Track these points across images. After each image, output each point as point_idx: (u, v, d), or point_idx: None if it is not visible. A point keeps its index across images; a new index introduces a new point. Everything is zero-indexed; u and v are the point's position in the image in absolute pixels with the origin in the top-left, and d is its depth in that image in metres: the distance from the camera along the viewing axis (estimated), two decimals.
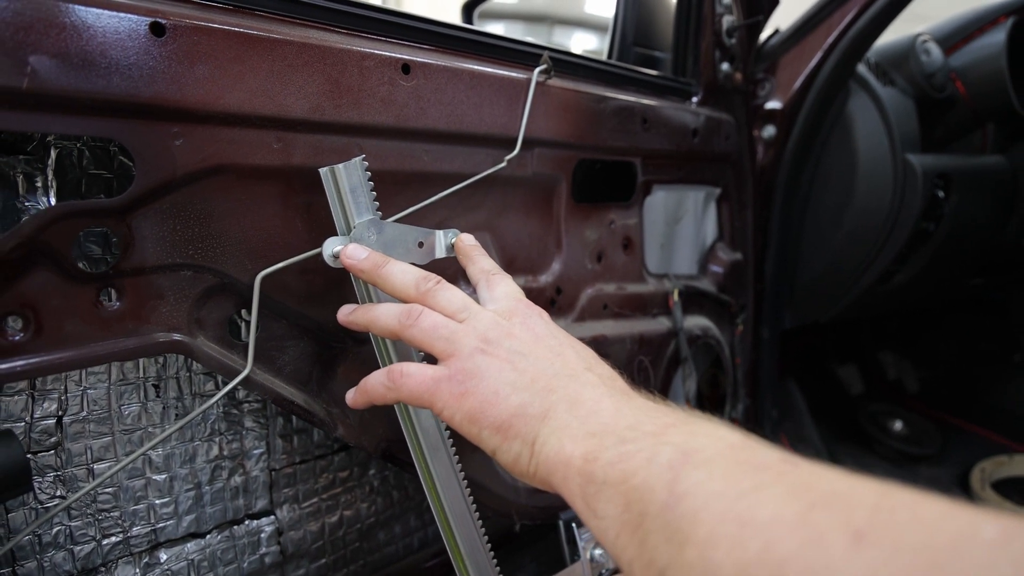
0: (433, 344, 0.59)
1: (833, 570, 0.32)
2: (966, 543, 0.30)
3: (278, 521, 0.91)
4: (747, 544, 0.35)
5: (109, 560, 0.79)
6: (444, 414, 0.57)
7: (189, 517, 0.84)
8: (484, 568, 0.76)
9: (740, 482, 0.38)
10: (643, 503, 0.41)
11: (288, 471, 0.92)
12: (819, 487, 0.36)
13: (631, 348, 1.06)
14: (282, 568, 0.92)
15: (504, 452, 0.54)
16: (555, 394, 0.55)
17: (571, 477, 0.48)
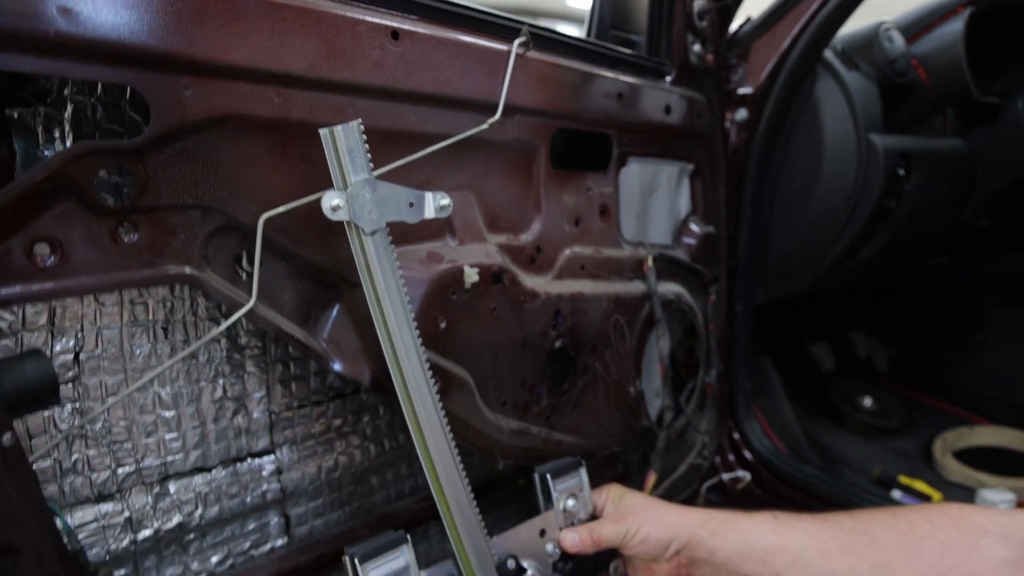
0: None
1: None
2: None
3: (278, 460, 0.98)
4: None
5: (124, 488, 0.86)
6: None
7: (196, 452, 0.91)
8: (461, 496, 0.82)
9: None
10: None
11: (287, 415, 0.99)
12: None
13: (607, 307, 1.13)
14: (282, 504, 0.99)
15: None
16: None
17: None
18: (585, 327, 1.10)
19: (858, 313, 2.10)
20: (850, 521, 0.86)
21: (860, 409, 1.85)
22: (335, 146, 0.72)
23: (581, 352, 1.10)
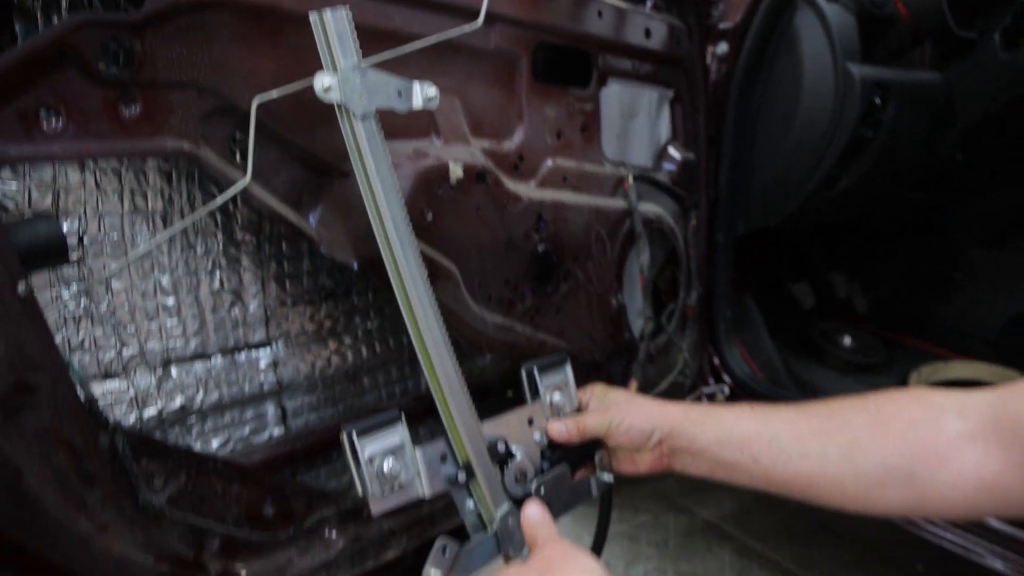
0: None
1: None
2: None
3: (274, 353, 1.04)
4: None
5: (129, 368, 0.92)
6: None
7: (195, 340, 0.97)
8: (451, 373, 0.87)
9: None
10: None
11: (281, 312, 1.05)
12: None
13: (589, 218, 1.18)
14: (279, 396, 1.05)
15: None
16: None
17: None
18: (567, 235, 1.15)
19: (838, 255, 2.15)
20: (823, 407, 0.91)
21: (840, 347, 1.91)
22: (325, 30, 0.77)
23: (564, 259, 1.15)
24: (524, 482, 0.91)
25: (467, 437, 0.86)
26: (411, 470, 0.84)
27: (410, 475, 0.84)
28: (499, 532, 0.86)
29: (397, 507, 0.85)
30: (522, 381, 1.00)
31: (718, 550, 2.00)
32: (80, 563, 0.74)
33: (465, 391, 0.86)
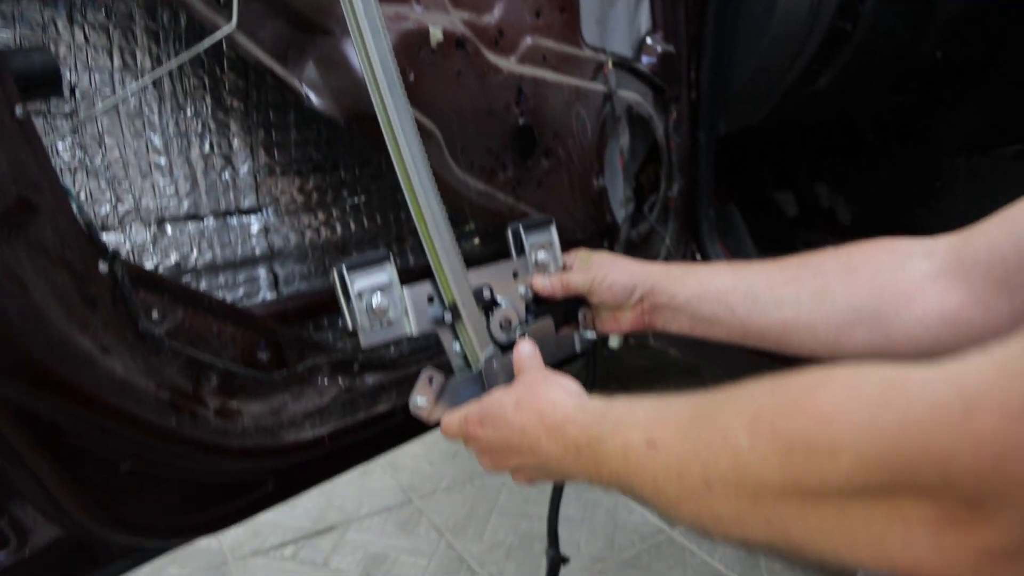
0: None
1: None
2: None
3: (264, 220, 1.08)
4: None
5: (125, 222, 0.96)
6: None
7: (188, 200, 1.01)
8: (437, 215, 0.91)
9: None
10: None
11: (271, 180, 1.09)
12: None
13: (569, 96, 1.22)
14: (270, 262, 1.09)
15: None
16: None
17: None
18: (548, 110, 1.18)
19: (822, 166, 2.18)
20: (796, 259, 0.95)
21: None
22: None
23: (544, 134, 1.18)
24: (509, 329, 0.96)
25: (453, 279, 0.91)
26: (399, 308, 0.89)
27: (398, 313, 0.89)
28: (484, 371, 0.91)
29: (385, 342, 0.90)
30: (508, 242, 1.04)
31: None
32: (86, 380, 0.78)
33: (451, 234, 0.91)
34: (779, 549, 0.51)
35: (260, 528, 1.78)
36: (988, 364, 0.38)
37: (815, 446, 0.45)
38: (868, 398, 0.43)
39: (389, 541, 1.73)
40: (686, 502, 0.56)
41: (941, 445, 0.38)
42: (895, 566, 0.43)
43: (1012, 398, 0.36)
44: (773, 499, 0.48)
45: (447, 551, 1.69)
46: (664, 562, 1.62)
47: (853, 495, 0.43)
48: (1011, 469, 0.35)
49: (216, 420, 0.89)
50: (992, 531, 0.38)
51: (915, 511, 0.41)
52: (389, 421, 1.07)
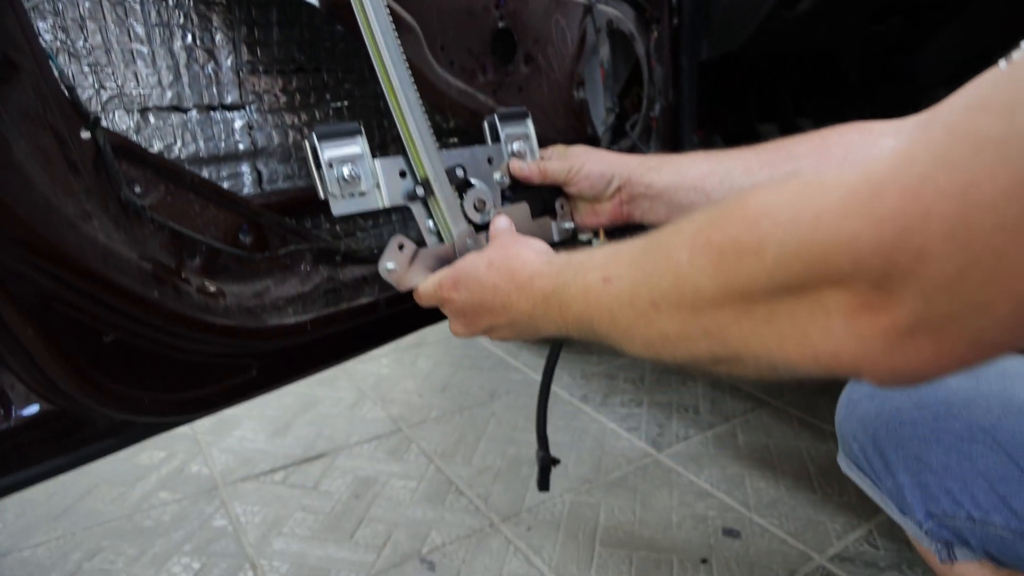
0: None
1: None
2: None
3: (247, 117, 1.10)
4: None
5: (108, 108, 0.98)
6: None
7: (171, 91, 1.03)
8: (408, 90, 0.93)
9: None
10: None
11: (253, 78, 1.10)
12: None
13: (548, 4, 1.23)
14: (254, 159, 1.11)
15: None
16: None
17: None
18: (527, 17, 1.20)
19: (806, 102, 2.20)
20: (772, 144, 0.97)
21: None
22: None
23: (524, 39, 1.20)
24: (483, 211, 0.98)
25: (425, 153, 0.93)
26: (370, 180, 0.91)
27: (370, 185, 0.91)
28: (457, 242, 0.93)
29: (356, 212, 0.92)
30: (484, 133, 1.06)
31: (692, 383, 2.10)
32: (70, 244, 0.80)
33: (422, 108, 0.93)
34: (721, 361, 0.54)
35: (250, 456, 1.82)
36: (895, 154, 0.40)
37: (743, 247, 0.47)
38: (789, 197, 0.46)
39: (379, 466, 1.76)
40: (638, 327, 0.59)
41: (850, 229, 0.40)
42: (819, 358, 0.45)
43: (912, 178, 0.38)
44: (711, 308, 0.51)
45: (436, 475, 1.72)
46: (650, 483, 1.65)
47: (779, 292, 0.46)
48: (911, 243, 0.37)
49: (198, 297, 0.92)
50: (898, 310, 0.40)
51: (833, 301, 0.43)
52: (372, 314, 1.10)
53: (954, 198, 0.36)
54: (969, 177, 0.35)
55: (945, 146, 0.37)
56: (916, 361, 0.41)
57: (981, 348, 0.39)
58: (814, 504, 1.56)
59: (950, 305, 0.38)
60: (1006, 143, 0.35)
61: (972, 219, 0.35)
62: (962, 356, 0.40)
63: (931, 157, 0.38)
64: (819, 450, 1.76)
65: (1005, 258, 0.35)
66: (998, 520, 0.78)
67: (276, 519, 1.57)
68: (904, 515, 0.90)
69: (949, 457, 0.82)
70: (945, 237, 0.36)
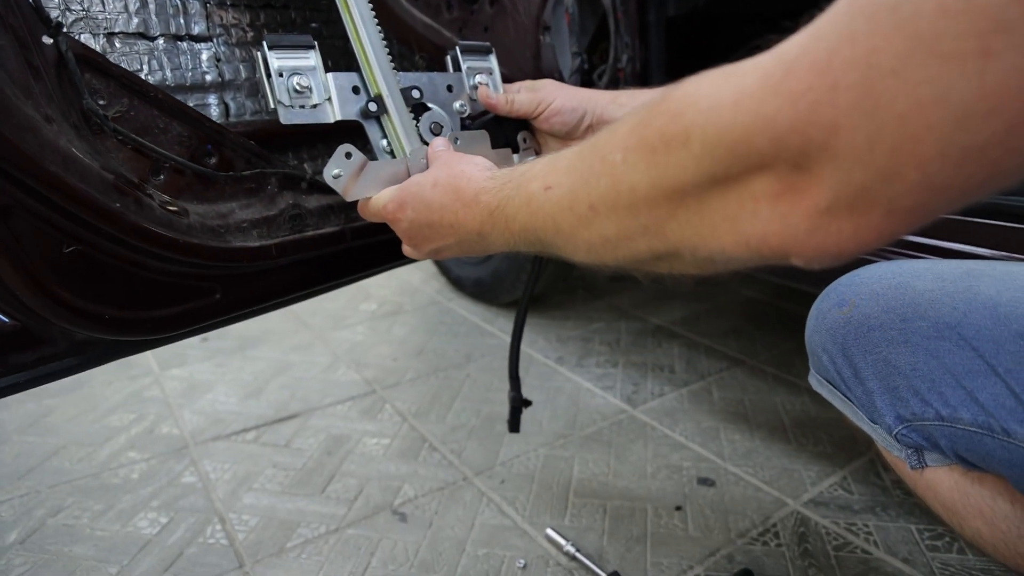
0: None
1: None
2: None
3: (215, 49, 1.11)
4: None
5: (73, 31, 0.98)
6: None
7: (137, 18, 1.03)
8: (370, 27, 0.94)
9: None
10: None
11: (220, 11, 1.11)
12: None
13: None
14: (221, 91, 1.12)
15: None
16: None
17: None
18: None
19: None
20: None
21: None
22: None
23: None
24: (440, 134, 0.98)
25: (379, 69, 0.93)
26: (322, 94, 0.91)
27: (321, 98, 0.91)
28: (410, 161, 0.92)
29: (306, 122, 0.92)
30: (447, 67, 1.07)
31: (667, 345, 2.11)
32: (30, 145, 0.80)
33: (376, 22, 0.93)
34: (662, 258, 0.55)
35: (222, 417, 1.81)
36: (804, 33, 0.41)
37: (670, 139, 0.48)
38: (710, 85, 0.46)
39: (352, 425, 1.76)
40: (579, 231, 0.60)
41: (766, 110, 0.41)
42: (749, 244, 0.46)
43: (820, 53, 0.39)
44: (646, 205, 0.52)
45: (409, 432, 1.72)
46: (625, 437, 1.66)
47: (708, 182, 0.47)
48: (822, 117, 0.38)
49: (161, 212, 0.92)
50: (817, 188, 0.41)
51: (758, 186, 0.44)
52: (339, 244, 1.10)
53: (858, 67, 0.37)
54: (869, 45, 0.36)
55: (847, 18, 0.38)
56: (837, 237, 0.42)
57: (896, 217, 0.40)
58: (788, 454, 1.58)
59: (863, 177, 0.39)
60: (897, 7, 0.35)
61: (875, 86, 0.36)
62: (879, 228, 0.41)
63: (835, 30, 0.39)
64: (794, 404, 1.78)
65: (908, 123, 0.36)
66: (966, 416, 0.79)
67: (246, 475, 1.57)
68: (874, 424, 0.91)
69: (917, 357, 0.83)
70: (852, 107, 0.37)
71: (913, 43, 0.35)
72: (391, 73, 0.94)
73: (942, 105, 0.35)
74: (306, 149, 1.20)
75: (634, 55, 1.57)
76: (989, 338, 0.78)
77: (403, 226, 0.86)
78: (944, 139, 0.35)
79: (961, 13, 0.33)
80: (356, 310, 2.53)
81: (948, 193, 0.38)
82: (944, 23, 0.34)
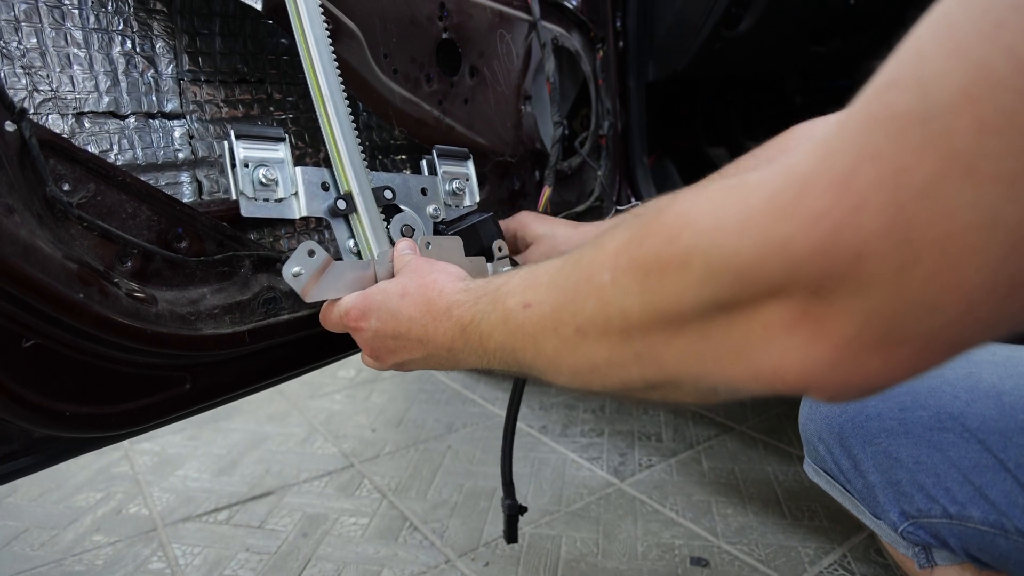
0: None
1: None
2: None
3: (188, 126, 1.07)
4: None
5: (41, 112, 0.95)
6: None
7: (108, 97, 1.00)
8: (343, 120, 0.91)
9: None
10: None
11: (194, 89, 1.08)
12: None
13: (492, 19, 1.24)
14: (194, 167, 1.08)
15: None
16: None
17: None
18: (472, 30, 1.20)
19: (753, 125, 2.26)
20: (722, 179, 0.98)
21: None
22: None
23: (469, 51, 1.20)
24: (411, 237, 0.94)
25: (350, 165, 0.90)
26: (289, 188, 0.88)
27: (287, 192, 0.87)
28: (378, 263, 0.87)
29: (268, 217, 0.88)
30: (422, 170, 1.04)
31: (653, 412, 2.07)
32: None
33: (350, 117, 0.90)
34: (657, 387, 0.50)
35: (193, 495, 1.73)
36: (814, 147, 0.38)
37: (666, 263, 0.44)
38: (710, 204, 0.43)
39: (329, 503, 1.69)
40: (564, 355, 0.55)
41: (778, 233, 0.37)
42: (760, 376, 0.42)
43: (837, 170, 0.35)
44: (640, 331, 0.47)
45: (389, 510, 1.65)
46: (614, 512, 1.61)
47: (711, 308, 0.42)
48: (846, 242, 0.35)
49: (128, 301, 0.87)
50: (842, 318, 0.37)
51: (769, 314, 0.40)
52: (314, 328, 1.06)
53: (884, 187, 0.33)
54: (896, 162, 0.33)
55: (865, 132, 0.35)
56: (865, 372, 0.38)
57: (934, 351, 0.36)
58: (784, 529, 1.53)
59: (894, 308, 0.35)
60: (926, 122, 0.32)
61: (906, 209, 0.33)
62: (912, 362, 0.37)
63: (852, 145, 0.35)
64: (787, 473, 1.74)
65: (947, 250, 0.32)
66: (976, 514, 0.75)
67: (217, 560, 1.49)
68: (877, 519, 0.87)
69: (919, 450, 0.79)
70: (881, 232, 0.34)
71: (948, 162, 0.32)
72: (363, 171, 0.90)
73: (987, 231, 0.31)
74: (282, 226, 1.16)
75: (615, 120, 1.57)
76: (995, 430, 0.75)
77: (366, 336, 0.81)
78: (991, 268, 0.32)
79: (1003, 131, 0.30)
80: (334, 377, 2.46)
81: (995, 325, 0.34)
82: (984, 141, 0.31)
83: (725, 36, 1.63)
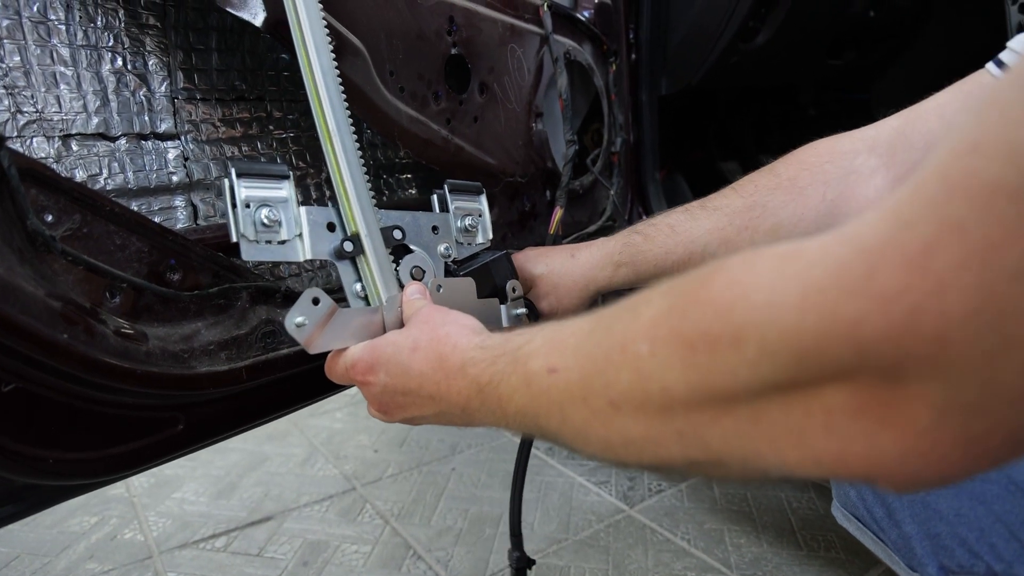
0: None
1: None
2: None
3: (182, 147, 1.02)
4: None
5: (24, 135, 0.89)
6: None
7: (97, 118, 0.94)
8: (345, 135, 0.85)
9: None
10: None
11: (189, 107, 1.03)
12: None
13: (503, 33, 1.19)
14: (189, 192, 1.03)
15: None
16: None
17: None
18: (481, 44, 1.15)
19: (767, 138, 2.21)
20: (738, 199, 0.92)
21: None
22: None
23: (479, 67, 1.15)
24: (421, 280, 0.89)
25: (358, 206, 0.84)
26: (293, 229, 0.82)
27: (291, 234, 0.82)
28: (386, 310, 0.82)
29: (271, 260, 0.83)
30: (433, 205, 0.99)
31: None
32: None
33: (359, 157, 0.85)
34: (699, 465, 0.46)
35: (190, 520, 1.67)
36: (883, 215, 0.34)
37: (716, 339, 0.40)
38: (765, 275, 0.38)
39: (330, 529, 1.63)
40: (594, 427, 0.50)
41: (847, 312, 0.33)
42: (820, 462, 0.38)
43: (912, 247, 0.32)
44: (683, 409, 0.43)
45: (392, 538, 1.59)
46: (624, 541, 1.55)
47: (766, 388, 0.38)
48: (926, 326, 0.31)
49: (116, 340, 0.82)
50: (915, 405, 0.33)
51: (834, 396, 0.36)
52: (315, 360, 1.00)
53: (971, 267, 0.30)
54: (984, 240, 0.29)
55: (945, 201, 0.31)
56: (940, 464, 0.34)
57: (1021, 444, 0.33)
58: (800, 561, 1.47)
59: (979, 397, 0.31)
60: (1019, 194, 0.29)
61: (997, 291, 0.29)
62: (998, 454, 0.33)
63: (931, 216, 0.31)
64: (800, 500, 1.69)
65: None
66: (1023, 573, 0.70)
67: None
68: (914, 571, 0.81)
69: (961, 501, 0.74)
70: (967, 316, 0.30)
71: None
72: (371, 210, 0.85)
73: None
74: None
75: (627, 135, 1.52)
76: None
77: (374, 391, 0.75)
78: None
79: None
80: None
81: None
82: None
83: (742, 49, 1.57)
